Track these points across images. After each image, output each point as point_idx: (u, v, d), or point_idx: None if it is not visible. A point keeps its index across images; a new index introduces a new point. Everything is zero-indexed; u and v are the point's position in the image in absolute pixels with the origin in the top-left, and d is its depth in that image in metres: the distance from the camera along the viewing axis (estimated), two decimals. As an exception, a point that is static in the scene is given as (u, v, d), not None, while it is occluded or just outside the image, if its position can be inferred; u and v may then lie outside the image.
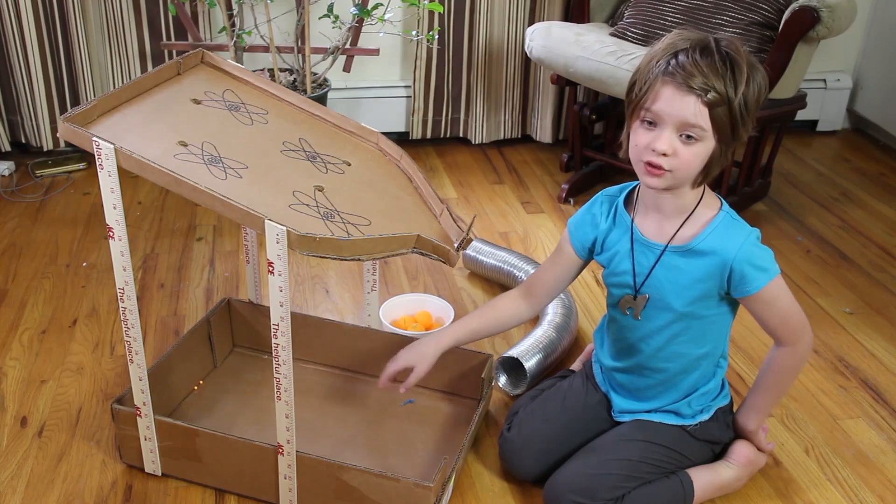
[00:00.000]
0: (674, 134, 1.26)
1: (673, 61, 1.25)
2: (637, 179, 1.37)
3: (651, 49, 1.31)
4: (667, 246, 1.38)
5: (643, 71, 1.29)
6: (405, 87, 2.97)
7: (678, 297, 1.39)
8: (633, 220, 1.42)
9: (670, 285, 1.39)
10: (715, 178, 1.35)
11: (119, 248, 1.33)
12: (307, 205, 1.32)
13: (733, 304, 1.43)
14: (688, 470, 1.48)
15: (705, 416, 1.49)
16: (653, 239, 1.40)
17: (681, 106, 1.24)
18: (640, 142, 1.30)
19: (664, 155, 1.27)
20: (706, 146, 1.26)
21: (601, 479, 1.40)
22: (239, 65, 1.59)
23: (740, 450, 1.53)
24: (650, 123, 1.28)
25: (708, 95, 1.22)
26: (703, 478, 1.48)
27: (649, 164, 1.29)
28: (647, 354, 1.45)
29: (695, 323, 1.41)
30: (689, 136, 1.26)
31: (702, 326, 1.42)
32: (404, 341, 1.75)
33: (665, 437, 1.47)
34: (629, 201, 1.44)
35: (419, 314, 1.95)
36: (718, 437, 1.52)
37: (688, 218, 1.37)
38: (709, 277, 1.36)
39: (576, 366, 1.76)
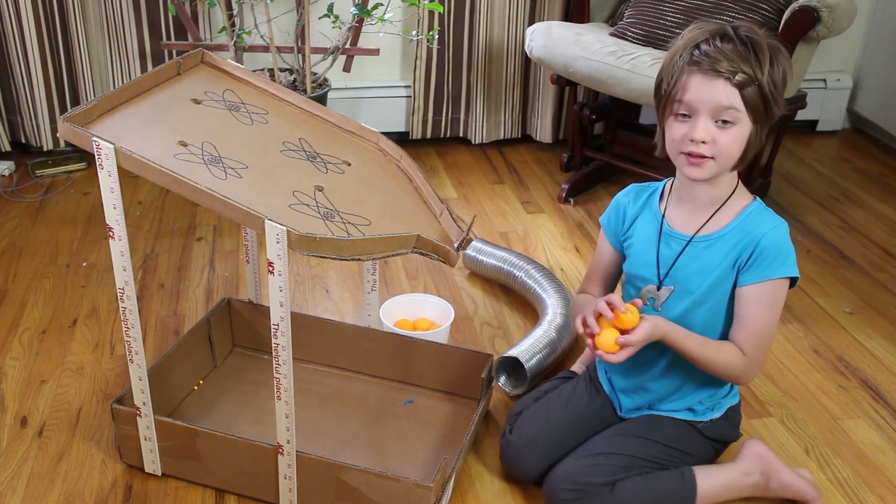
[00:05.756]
0: (709, 121, 1.29)
1: (696, 51, 1.29)
2: (663, 178, 1.42)
3: (672, 46, 1.35)
4: (693, 237, 1.40)
5: (668, 67, 1.33)
6: (405, 87, 2.97)
7: (700, 286, 1.40)
8: (663, 213, 1.44)
9: (695, 275, 1.40)
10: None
11: (119, 248, 1.33)
12: (307, 205, 1.32)
13: None
14: (692, 467, 1.46)
15: (716, 414, 1.49)
16: (680, 230, 1.42)
17: (712, 91, 1.27)
18: (676, 135, 1.32)
19: (703, 143, 1.29)
20: (743, 129, 1.29)
21: (595, 468, 1.41)
22: (239, 65, 1.59)
23: (748, 444, 1.53)
24: (684, 116, 1.31)
25: (736, 77, 1.26)
26: (707, 473, 1.46)
27: (690, 154, 1.31)
28: (662, 346, 1.42)
29: (710, 315, 1.41)
30: (724, 121, 1.28)
31: (716, 320, 1.41)
32: (404, 341, 1.75)
33: (669, 435, 1.47)
34: (662, 197, 1.47)
35: (418, 321, 1.94)
36: (726, 436, 1.52)
37: (721, 207, 1.38)
38: (734, 261, 1.36)
39: (576, 367, 1.76)
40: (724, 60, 1.26)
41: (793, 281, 1.37)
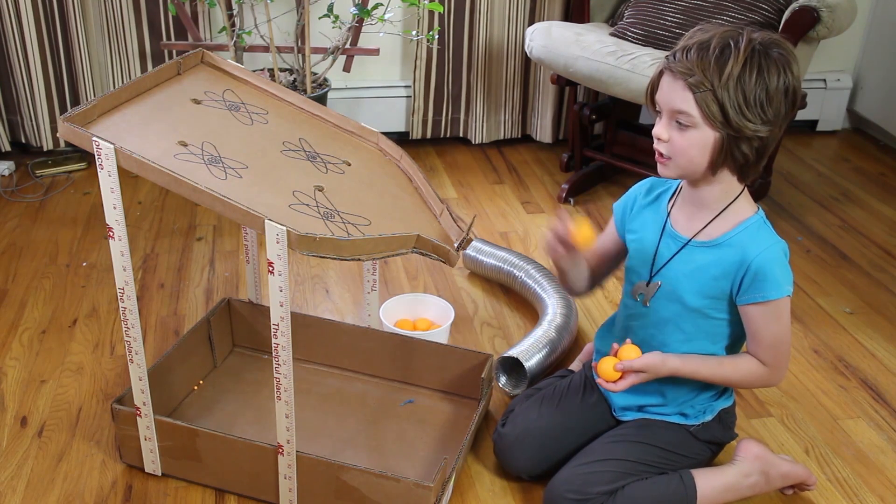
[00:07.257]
0: (669, 121, 1.31)
1: (672, 55, 1.31)
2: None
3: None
4: (690, 239, 1.40)
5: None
6: (405, 87, 2.97)
7: (690, 290, 1.40)
8: (669, 212, 1.45)
9: (685, 278, 1.40)
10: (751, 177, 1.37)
11: (119, 248, 1.33)
12: (307, 205, 1.32)
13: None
14: (690, 470, 1.47)
15: (708, 417, 1.49)
16: (680, 232, 1.42)
17: (670, 92, 1.30)
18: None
19: (661, 141, 1.32)
20: (702, 134, 1.29)
21: (595, 476, 1.41)
22: (239, 65, 1.60)
23: (743, 445, 1.53)
24: (658, 114, 1.34)
25: (689, 79, 1.27)
26: (706, 476, 1.47)
27: (657, 151, 1.34)
28: (652, 347, 1.45)
29: (702, 322, 1.42)
30: (679, 123, 1.30)
31: (709, 327, 1.42)
32: (404, 341, 1.75)
33: (665, 439, 1.47)
34: (672, 196, 1.48)
35: (418, 321, 1.94)
36: (720, 438, 1.52)
37: (718, 215, 1.38)
38: (724, 275, 1.37)
39: (575, 366, 1.76)
40: (684, 62, 1.27)
41: None
